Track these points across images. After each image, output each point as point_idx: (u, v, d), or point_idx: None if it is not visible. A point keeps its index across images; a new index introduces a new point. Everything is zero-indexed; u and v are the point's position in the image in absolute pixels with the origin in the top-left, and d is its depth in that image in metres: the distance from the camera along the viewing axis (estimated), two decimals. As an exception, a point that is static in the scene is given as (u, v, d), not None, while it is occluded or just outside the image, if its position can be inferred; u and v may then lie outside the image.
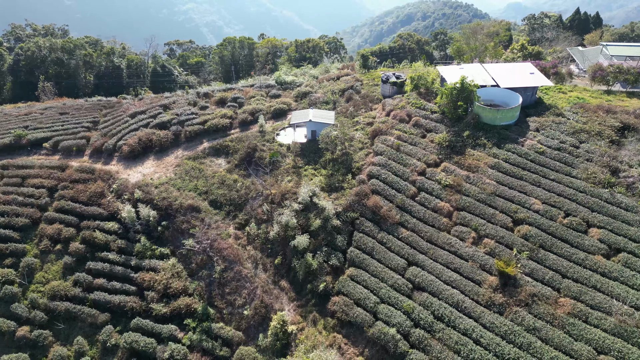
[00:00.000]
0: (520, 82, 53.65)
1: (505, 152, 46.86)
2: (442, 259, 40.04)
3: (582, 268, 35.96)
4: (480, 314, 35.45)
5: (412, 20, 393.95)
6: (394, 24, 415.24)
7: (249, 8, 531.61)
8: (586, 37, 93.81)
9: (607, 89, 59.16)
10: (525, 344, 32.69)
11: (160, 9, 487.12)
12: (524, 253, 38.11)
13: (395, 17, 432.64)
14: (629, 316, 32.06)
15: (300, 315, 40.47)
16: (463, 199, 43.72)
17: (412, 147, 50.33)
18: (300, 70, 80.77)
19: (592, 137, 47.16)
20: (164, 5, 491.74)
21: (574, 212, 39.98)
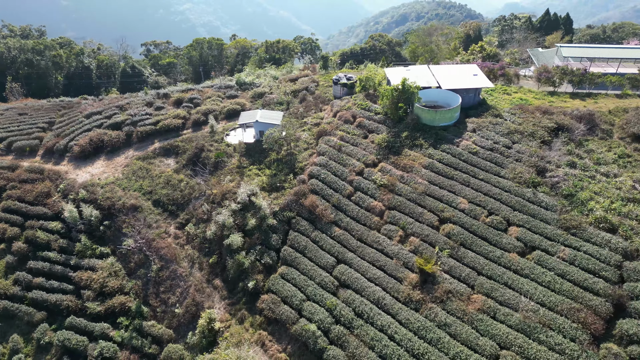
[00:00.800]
0: (462, 83, 54.58)
1: (440, 153, 47.71)
2: (369, 257, 40.80)
3: (497, 265, 36.85)
4: (397, 310, 36.23)
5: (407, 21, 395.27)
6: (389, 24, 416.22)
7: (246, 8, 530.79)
8: (547, 39, 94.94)
9: (553, 90, 60.27)
10: (434, 339, 33.51)
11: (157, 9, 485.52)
12: (445, 251, 38.94)
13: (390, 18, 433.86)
14: (533, 312, 32.94)
15: (229, 313, 41.10)
16: (395, 198, 44.53)
17: (353, 148, 51.09)
18: (263, 71, 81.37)
19: (525, 137, 48.13)
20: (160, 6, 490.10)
21: (497, 211, 40.87)
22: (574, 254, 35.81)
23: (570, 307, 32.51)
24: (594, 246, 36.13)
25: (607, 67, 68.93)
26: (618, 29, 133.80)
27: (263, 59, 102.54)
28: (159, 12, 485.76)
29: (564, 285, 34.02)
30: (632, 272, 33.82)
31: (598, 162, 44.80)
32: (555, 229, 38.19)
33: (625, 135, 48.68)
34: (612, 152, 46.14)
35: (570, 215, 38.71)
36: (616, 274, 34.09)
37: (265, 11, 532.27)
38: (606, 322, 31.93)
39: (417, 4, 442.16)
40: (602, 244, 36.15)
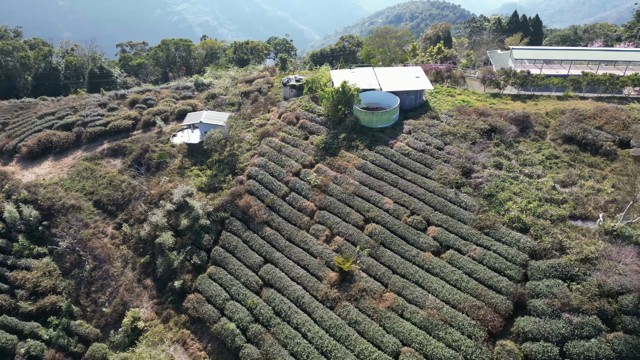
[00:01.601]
0: (403, 85, 55.37)
1: (373, 154, 48.44)
2: (295, 256, 41.46)
3: (412, 264, 37.60)
4: (314, 309, 36.90)
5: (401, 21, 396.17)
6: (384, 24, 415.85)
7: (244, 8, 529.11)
8: (506, 41, 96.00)
9: (498, 92, 61.19)
10: (343, 336, 34.22)
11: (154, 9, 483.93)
12: (365, 250, 39.67)
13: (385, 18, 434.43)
14: (437, 310, 33.72)
15: (156, 312, 41.60)
16: (327, 198, 45.21)
17: (293, 149, 51.73)
18: (225, 72, 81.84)
19: (457, 139, 48.97)
20: (157, 6, 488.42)
21: (419, 211, 41.65)
22: (484, 253, 36.65)
23: (472, 305, 33.32)
24: (504, 245, 36.98)
25: (560, 69, 70.14)
26: (589, 30, 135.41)
27: (231, 60, 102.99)
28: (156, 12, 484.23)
29: (469, 284, 34.83)
30: (535, 271, 34.68)
31: (524, 163, 45.69)
32: (471, 228, 39.03)
33: (557, 137, 49.65)
34: (541, 154, 47.04)
35: (486, 215, 39.57)
36: (520, 273, 34.94)
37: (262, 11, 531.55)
38: (505, 320, 32.76)
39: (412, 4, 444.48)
40: (511, 243, 37.01)
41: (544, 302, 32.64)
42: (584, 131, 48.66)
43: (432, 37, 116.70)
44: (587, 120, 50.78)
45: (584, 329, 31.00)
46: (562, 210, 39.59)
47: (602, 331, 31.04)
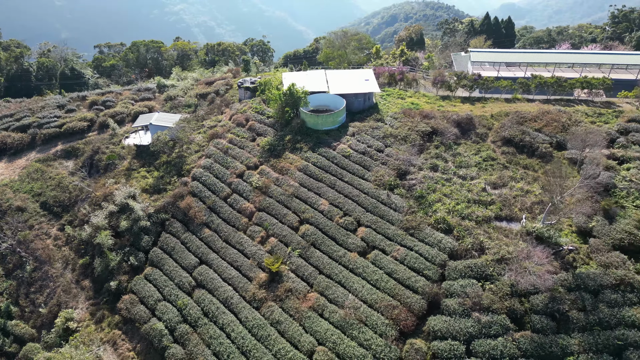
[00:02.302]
0: (351, 88, 56.00)
1: (316, 156, 49.00)
2: (230, 257, 41.98)
3: (338, 265, 38.21)
4: (241, 309, 37.45)
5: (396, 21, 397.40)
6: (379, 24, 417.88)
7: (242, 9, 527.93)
8: (471, 43, 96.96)
9: (451, 94, 61.97)
10: (264, 336, 34.78)
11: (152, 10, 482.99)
12: (296, 251, 40.24)
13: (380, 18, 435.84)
14: (355, 309, 34.34)
15: (90, 313, 41.99)
16: (266, 200, 45.75)
17: (240, 151, 52.25)
18: (189, 74, 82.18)
19: (398, 141, 49.65)
20: (155, 6, 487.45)
21: (352, 212, 42.27)
22: (407, 253, 37.32)
23: (388, 305, 33.96)
24: (427, 246, 37.67)
25: (518, 71, 71.03)
26: (563, 32, 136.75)
27: (203, 62, 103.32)
28: (154, 12, 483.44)
29: (389, 284, 35.48)
30: (452, 271, 35.39)
31: (460, 165, 46.44)
32: (398, 229, 39.70)
33: (497, 139, 50.46)
34: (479, 156, 47.80)
35: (413, 217, 40.26)
36: (438, 273, 35.63)
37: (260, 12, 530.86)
38: (419, 319, 33.43)
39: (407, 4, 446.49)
40: (433, 244, 37.71)
41: (456, 301, 33.35)
42: (523, 133, 49.49)
43: (405, 39, 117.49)
44: (528, 123, 51.64)
45: (492, 327, 31.73)
46: (488, 212, 40.35)
47: (510, 330, 31.80)
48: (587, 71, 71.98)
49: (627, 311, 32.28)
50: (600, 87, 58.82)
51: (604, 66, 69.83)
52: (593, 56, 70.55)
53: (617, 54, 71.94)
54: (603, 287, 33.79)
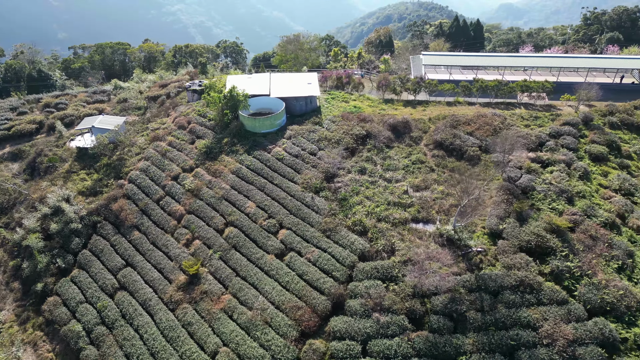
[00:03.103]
0: (292, 91, 56.63)
1: (250, 159, 49.56)
2: (154, 259, 42.43)
3: (254, 267, 38.80)
4: (157, 311, 37.92)
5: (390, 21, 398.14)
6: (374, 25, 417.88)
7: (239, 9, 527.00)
8: (430, 45, 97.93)
9: (397, 97, 62.75)
10: (174, 337, 35.30)
11: (149, 10, 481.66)
12: (217, 253, 40.78)
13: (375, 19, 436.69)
14: (262, 311, 34.93)
15: (16, 314, 42.31)
16: (197, 202, 46.25)
17: (178, 153, 52.72)
18: (150, 76, 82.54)
19: (332, 144, 50.29)
20: (152, 6, 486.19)
21: (276, 214, 42.87)
22: (320, 255, 37.97)
23: (294, 306, 34.58)
24: (340, 248, 38.35)
25: (470, 74, 71.91)
26: (533, 34, 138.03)
27: (170, 64, 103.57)
28: (151, 12, 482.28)
29: (298, 285, 36.10)
30: (359, 272, 36.08)
31: (388, 168, 47.17)
32: (316, 231, 40.34)
33: (430, 142, 51.26)
34: (408, 159, 48.56)
35: (331, 219, 40.92)
36: (346, 274, 36.30)
37: (258, 12, 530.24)
38: (322, 320, 34.06)
39: (402, 5, 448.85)
40: (346, 245, 38.40)
41: (359, 302, 34.03)
42: (454, 137, 50.31)
43: (374, 41, 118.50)
44: (462, 126, 52.48)
45: (390, 328, 32.44)
46: (405, 214, 41.07)
47: (407, 330, 32.51)
48: (538, 74, 73.15)
49: (523, 312, 33.13)
50: (540, 90, 59.76)
51: (555, 69, 70.86)
52: (540, 59, 71.54)
53: (565, 56, 73.04)
54: (503, 288, 34.62)
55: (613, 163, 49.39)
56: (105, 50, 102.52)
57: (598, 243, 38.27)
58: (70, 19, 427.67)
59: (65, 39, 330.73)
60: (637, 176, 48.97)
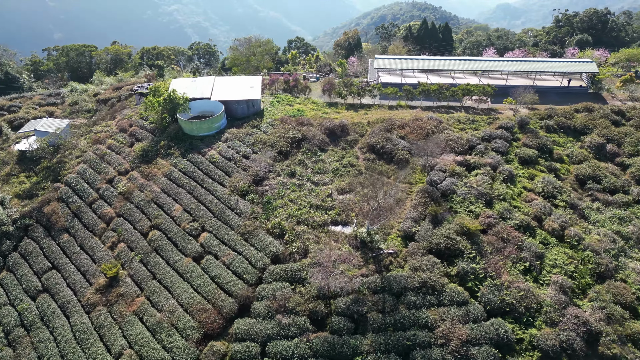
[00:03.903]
0: (233, 95, 57.18)
1: (185, 162, 50.06)
2: (79, 262, 42.84)
3: (171, 269, 39.31)
4: (74, 313, 38.37)
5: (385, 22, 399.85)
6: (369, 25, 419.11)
7: (236, 9, 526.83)
8: (389, 48, 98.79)
9: (343, 101, 63.47)
10: (85, 340, 35.77)
11: (145, 10, 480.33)
12: (138, 256, 41.26)
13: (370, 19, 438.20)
14: (170, 313, 35.47)
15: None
16: (127, 205, 46.71)
17: (116, 156, 53.13)
18: (108, 79, 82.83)
19: (266, 147, 50.88)
20: (148, 7, 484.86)
21: (200, 217, 43.40)
22: (234, 257, 38.55)
23: (200, 308, 35.14)
24: (255, 250, 38.95)
25: (422, 78, 72.78)
26: (502, 37, 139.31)
27: (136, 66, 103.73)
28: (147, 13, 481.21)
29: (209, 288, 36.66)
30: (269, 275, 36.71)
31: (318, 171, 47.84)
32: (236, 234, 40.93)
33: (364, 146, 51.98)
34: (340, 162, 49.23)
35: (251, 222, 41.52)
36: (256, 276, 36.91)
37: (255, 12, 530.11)
38: (228, 321, 34.63)
39: (396, 5, 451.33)
40: (261, 248, 39.00)
41: (264, 304, 34.63)
42: (386, 140, 51.07)
43: (342, 44, 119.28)
44: (396, 130, 53.27)
45: (290, 329, 33.05)
46: (325, 217, 41.75)
47: (307, 331, 33.11)
48: (489, 77, 74.19)
49: (423, 312, 33.88)
50: (481, 93, 60.67)
51: (507, 72, 71.82)
52: (489, 63, 72.56)
53: (513, 60, 74.07)
54: (407, 289, 35.36)
55: (542, 166, 50.37)
56: (70, 53, 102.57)
57: (508, 245, 39.14)
58: (66, 19, 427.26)
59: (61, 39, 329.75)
60: (565, 179, 50.01)
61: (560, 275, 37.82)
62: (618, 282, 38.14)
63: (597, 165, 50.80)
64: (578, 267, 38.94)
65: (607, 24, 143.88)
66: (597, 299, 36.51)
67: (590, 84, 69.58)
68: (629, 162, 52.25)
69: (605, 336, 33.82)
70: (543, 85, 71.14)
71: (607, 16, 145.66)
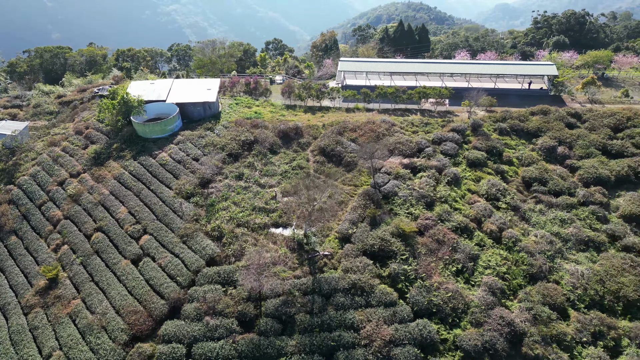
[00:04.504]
0: (188, 97, 57.50)
1: (135, 164, 50.32)
2: (23, 264, 43.05)
3: (109, 272, 39.60)
4: (12, 314, 38.59)
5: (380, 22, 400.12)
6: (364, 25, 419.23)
7: (235, 9, 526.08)
8: (359, 50, 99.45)
9: (303, 104, 63.92)
10: (18, 341, 36.00)
11: (144, 11, 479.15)
12: (80, 258, 41.54)
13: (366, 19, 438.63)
14: (102, 315, 35.78)
15: None
16: (74, 207, 46.95)
17: (69, 158, 53.34)
18: (77, 81, 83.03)
19: (216, 150, 51.24)
20: (147, 7, 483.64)
21: (143, 220, 43.69)
22: (171, 260, 38.89)
23: (131, 310, 35.46)
24: (192, 253, 39.30)
25: (387, 80, 73.39)
26: (480, 38, 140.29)
27: (110, 68, 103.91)
28: (145, 13, 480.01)
29: (143, 290, 36.99)
30: (202, 277, 37.09)
31: (267, 173, 48.26)
32: (175, 237, 41.27)
33: (315, 149, 52.44)
34: (289, 165, 49.67)
35: (191, 225, 41.87)
36: (190, 279, 37.27)
37: (254, 12, 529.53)
38: (158, 323, 34.96)
39: (392, 5, 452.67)
40: (198, 250, 39.37)
41: (194, 306, 35.01)
42: (337, 143, 51.57)
43: (319, 45, 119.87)
44: (348, 133, 53.78)
45: (217, 331, 33.45)
46: (267, 219, 42.18)
47: (234, 333, 33.52)
48: (452, 80, 74.95)
49: (350, 313, 34.35)
50: (436, 96, 61.29)
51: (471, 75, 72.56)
52: (450, 65, 73.29)
53: (473, 63, 74.79)
54: (337, 290, 35.84)
55: (490, 168, 51.03)
56: (44, 55, 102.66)
57: (443, 247, 39.73)
58: (64, 19, 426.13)
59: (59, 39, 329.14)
60: (512, 181, 50.69)
61: (492, 276, 38.44)
62: (550, 284, 38.81)
63: (544, 168, 51.53)
64: (511, 269, 39.59)
65: (584, 26, 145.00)
66: (526, 299, 37.16)
67: (550, 87, 70.39)
68: (579, 164, 53.03)
69: (529, 337, 34.45)
70: (505, 88, 71.97)
71: (585, 18, 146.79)
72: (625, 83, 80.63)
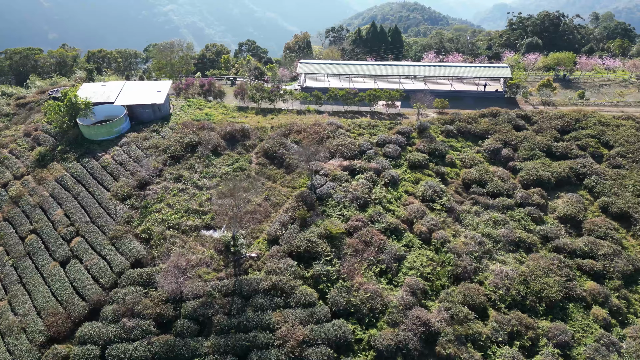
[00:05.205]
0: (137, 99, 57.68)
1: (78, 166, 50.45)
2: (-43, 267, 43.17)
3: (37, 273, 39.80)
4: (-62, 317, 38.73)
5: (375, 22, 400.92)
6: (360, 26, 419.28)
7: (232, 9, 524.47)
8: (323, 52, 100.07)
9: (257, 106, 64.28)
10: (-61, 344, 36.15)
11: (140, 11, 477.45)
12: (12, 260, 41.66)
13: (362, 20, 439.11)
14: (24, 317, 36.00)
15: None
16: (14, 209, 47.06)
17: (15, 160, 53.41)
18: (40, 82, 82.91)
19: (159, 152, 51.49)
20: (143, 7, 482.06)
21: (77, 222, 43.83)
22: (97, 262, 39.16)
23: (51, 312, 35.71)
24: (118, 254, 39.59)
25: (346, 82, 73.95)
26: (454, 40, 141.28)
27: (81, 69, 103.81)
28: (142, 13, 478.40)
29: (65, 292, 37.25)
30: (125, 279, 37.41)
31: (206, 175, 48.61)
32: (106, 239, 41.53)
33: (260, 151, 52.84)
34: (231, 167, 50.02)
35: (122, 227, 42.16)
36: (112, 281, 37.56)
37: (251, 12, 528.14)
38: (77, 325, 35.19)
39: (387, 5, 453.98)
40: (125, 252, 39.66)
41: (113, 308, 35.31)
42: (280, 145, 52.01)
43: (292, 47, 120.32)
44: (293, 135, 54.24)
45: (133, 332, 33.77)
46: (198, 221, 42.54)
47: (150, 334, 33.87)
48: (411, 82, 75.66)
49: (268, 314, 34.81)
50: (387, 98, 61.86)
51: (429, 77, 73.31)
52: (407, 68, 73.98)
53: (429, 65, 75.58)
54: (257, 292, 36.27)
55: (430, 170, 51.64)
56: (13, 57, 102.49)
57: (369, 248, 40.26)
58: (61, 19, 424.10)
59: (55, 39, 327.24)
60: (452, 183, 51.34)
61: (415, 277, 39.01)
62: (473, 284, 39.46)
63: (485, 170, 52.24)
64: (436, 270, 40.19)
65: (559, 27, 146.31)
66: (446, 300, 37.75)
67: (505, 89, 71.19)
68: (521, 166, 53.85)
69: (444, 336, 35.02)
70: (461, 90, 72.79)
71: (559, 19, 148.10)
72: (585, 85, 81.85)
